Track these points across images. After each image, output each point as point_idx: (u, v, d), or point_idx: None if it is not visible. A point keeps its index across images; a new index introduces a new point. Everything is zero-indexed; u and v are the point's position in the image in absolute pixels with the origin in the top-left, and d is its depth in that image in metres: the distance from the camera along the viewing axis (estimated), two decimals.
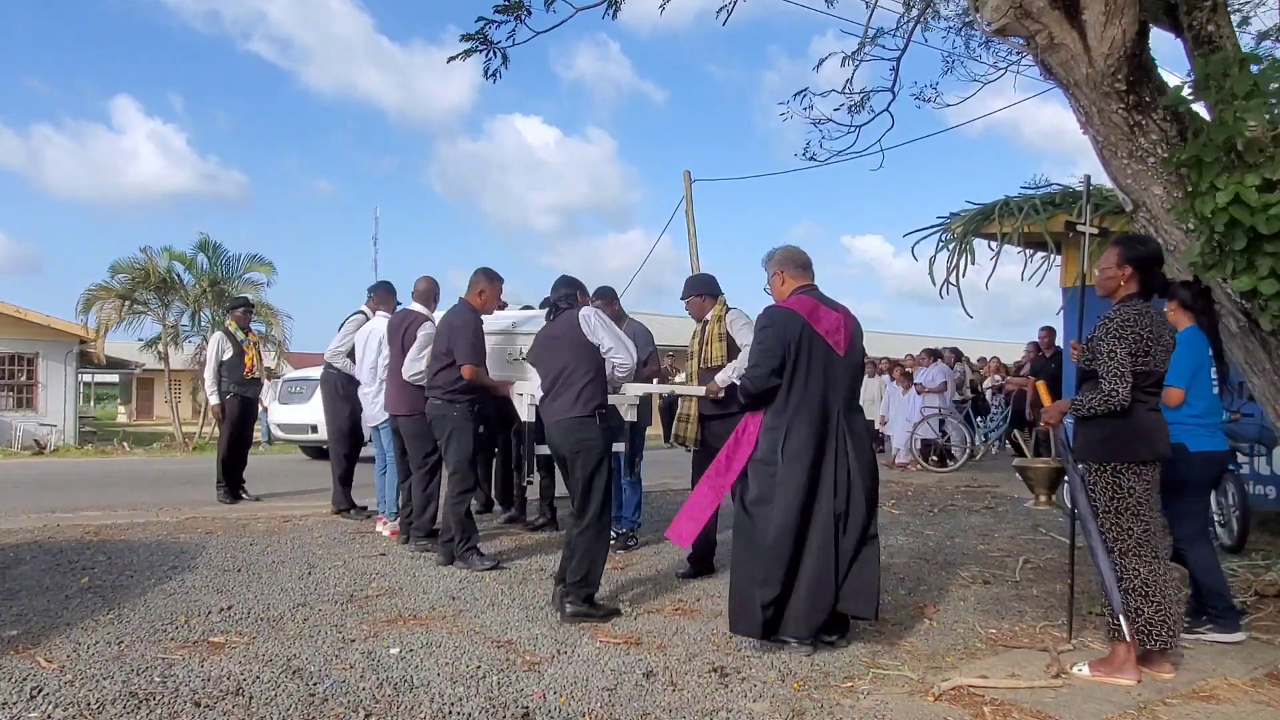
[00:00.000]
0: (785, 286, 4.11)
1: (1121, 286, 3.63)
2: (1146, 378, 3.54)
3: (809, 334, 3.88)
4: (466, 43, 5.32)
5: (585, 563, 4.31)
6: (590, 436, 4.36)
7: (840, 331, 3.96)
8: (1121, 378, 3.46)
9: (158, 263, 18.85)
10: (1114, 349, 3.48)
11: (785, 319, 3.91)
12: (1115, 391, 3.46)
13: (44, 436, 18.23)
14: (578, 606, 4.28)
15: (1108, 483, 3.58)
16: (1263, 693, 3.49)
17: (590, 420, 4.38)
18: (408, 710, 3.10)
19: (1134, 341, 3.48)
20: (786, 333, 3.86)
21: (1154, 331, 3.51)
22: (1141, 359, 3.49)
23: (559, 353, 4.50)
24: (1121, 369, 3.46)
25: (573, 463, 4.38)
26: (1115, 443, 3.55)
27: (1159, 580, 3.54)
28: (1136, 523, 3.56)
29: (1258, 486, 7.07)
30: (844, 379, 3.96)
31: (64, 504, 7.92)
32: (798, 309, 3.93)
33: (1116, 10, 3.68)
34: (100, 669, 3.39)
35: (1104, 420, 3.54)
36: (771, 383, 3.87)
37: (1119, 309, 3.58)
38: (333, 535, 6.41)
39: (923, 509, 8.40)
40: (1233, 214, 3.31)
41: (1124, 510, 3.56)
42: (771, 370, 3.85)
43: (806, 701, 3.27)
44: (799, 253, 4.17)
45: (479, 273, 5.56)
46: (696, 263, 16.25)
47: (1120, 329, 3.50)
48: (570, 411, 4.38)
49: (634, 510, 6.25)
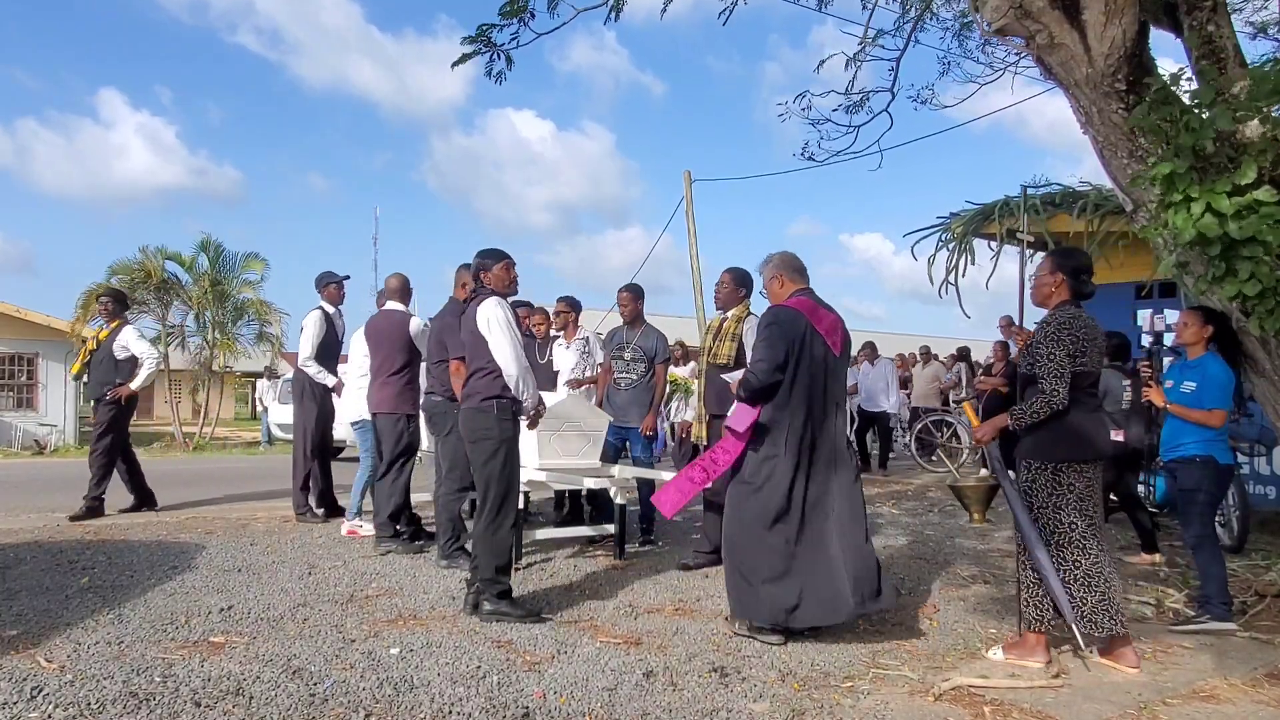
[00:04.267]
0: (784, 290, 4.26)
1: (1054, 293, 3.84)
2: (1084, 378, 3.73)
3: (811, 333, 4.03)
4: (469, 45, 5.31)
5: (490, 559, 4.27)
6: (486, 426, 4.33)
7: (837, 332, 4.13)
8: (1061, 378, 3.64)
9: (156, 263, 18.84)
10: (1053, 351, 3.67)
11: (791, 318, 4.06)
12: (1055, 391, 3.64)
13: (44, 436, 18.22)
14: (495, 605, 4.26)
15: (1048, 480, 3.75)
16: (1263, 693, 3.49)
17: (485, 410, 4.33)
18: (408, 710, 3.10)
19: (1071, 344, 3.67)
20: (791, 331, 4.01)
21: (1089, 334, 3.72)
22: (1079, 360, 3.68)
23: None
24: (1061, 370, 3.65)
25: (471, 452, 4.38)
26: (1059, 443, 3.73)
27: (1100, 571, 3.70)
28: (1079, 518, 3.72)
29: (1258, 486, 7.08)
30: (837, 378, 4.14)
31: (64, 504, 7.91)
32: (800, 309, 4.09)
33: (1116, 10, 3.68)
34: (100, 669, 3.38)
35: (1047, 421, 3.71)
36: (774, 378, 3.98)
37: (1055, 314, 3.80)
38: (333, 535, 6.41)
39: (923, 509, 8.40)
40: (1201, 227, 3.32)
41: (1064, 506, 3.73)
42: (776, 366, 3.97)
43: (806, 701, 3.27)
44: (795, 258, 4.32)
45: (460, 268, 5.59)
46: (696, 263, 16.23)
47: (1058, 332, 3.69)
48: (468, 401, 4.41)
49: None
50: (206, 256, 19.38)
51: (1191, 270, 3.77)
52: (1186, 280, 3.95)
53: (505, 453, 4.33)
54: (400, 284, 6.37)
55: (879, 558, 4.16)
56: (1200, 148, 3.38)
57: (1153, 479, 6.87)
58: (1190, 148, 3.39)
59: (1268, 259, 3.36)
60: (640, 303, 6.44)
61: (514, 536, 4.57)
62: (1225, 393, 4.30)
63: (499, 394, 4.31)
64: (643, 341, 6.30)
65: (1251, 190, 3.31)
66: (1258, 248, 3.33)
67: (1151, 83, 3.71)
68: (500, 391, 4.32)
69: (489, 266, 4.50)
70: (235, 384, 34.17)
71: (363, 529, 6.38)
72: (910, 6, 6.38)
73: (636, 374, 6.26)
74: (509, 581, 4.36)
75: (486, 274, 4.49)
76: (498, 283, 4.50)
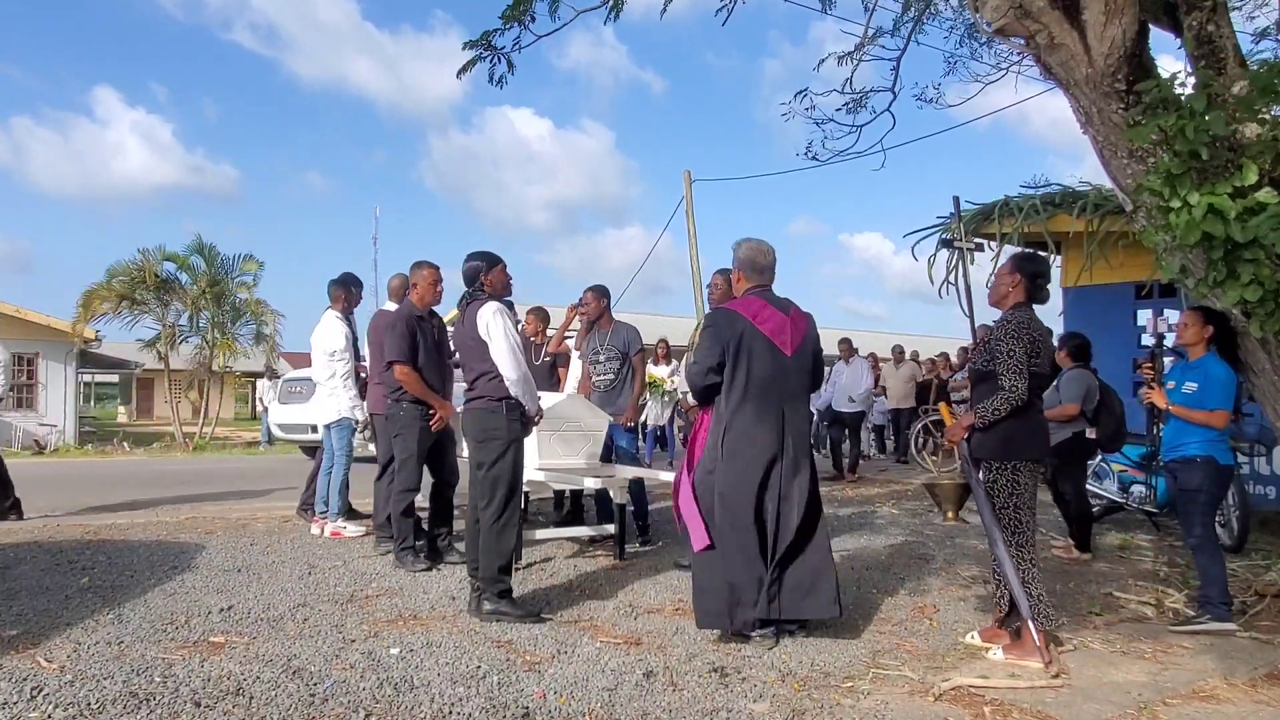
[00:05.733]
0: (739, 285, 4.29)
1: (1010, 294, 3.97)
2: (1036, 379, 3.84)
3: (750, 334, 4.02)
4: (470, 50, 5.31)
5: (493, 558, 4.28)
6: (496, 426, 4.34)
7: (786, 331, 4.08)
8: (1020, 375, 3.76)
9: (155, 265, 18.85)
10: (1012, 349, 3.78)
11: (725, 320, 4.10)
12: (1015, 387, 3.75)
13: (44, 436, 18.23)
14: (495, 604, 4.27)
15: (1008, 479, 3.86)
16: (1263, 693, 3.49)
17: (496, 410, 4.34)
18: (408, 710, 3.10)
19: (1029, 343, 3.80)
20: (725, 333, 4.04)
21: (1041, 335, 3.89)
22: (1034, 360, 3.81)
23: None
24: (1020, 367, 3.76)
25: (478, 452, 4.39)
26: (1013, 442, 3.84)
27: (1038, 567, 3.89)
28: (1030, 516, 3.88)
29: (1258, 486, 7.07)
30: (792, 378, 4.09)
31: (64, 504, 7.92)
32: (741, 310, 4.10)
33: (1116, 10, 3.68)
34: (100, 669, 3.38)
35: (1004, 422, 3.81)
36: (709, 379, 4.04)
37: (1012, 313, 3.92)
38: (332, 536, 6.40)
39: (923, 509, 8.40)
40: (1205, 227, 3.32)
41: (1021, 505, 3.86)
42: (708, 368, 4.03)
43: (806, 701, 3.27)
44: (760, 255, 4.25)
45: (413, 268, 5.63)
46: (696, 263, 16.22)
47: (1017, 331, 3.81)
48: (476, 402, 4.41)
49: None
50: (203, 258, 19.40)
51: (1192, 273, 3.77)
52: (1187, 283, 3.95)
53: (514, 453, 4.36)
54: (401, 284, 6.35)
55: (832, 571, 4.05)
56: (1196, 152, 3.37)
57: (1153, 479, 6.87)
58: (1187, 152, 3.38)
59: (1269, 262, 3.35)
60: (606, 301, 6.45)
61: (516, 536, 4.56)
62: (1227, 393, 4.30)
63: (508, 394, 4.35)
64: (614, 340, 6.33)
65: (1253, 192, 3.31)
66: (1259, 250, 3.32)
67: (1145, 87, 3.69)
68: (509, 392, 4.36)
69: (487, 270, 4.50)
70: (235, 384, 34.18)
71: (347, 530, 6.36)
72: (910, 6, 6.38)
73: (613, 373, 6.29)
74: (510, 581, 4.36)
75: (484, 277, 4.50)
76: (496, 286, 4.51)
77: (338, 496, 6.44)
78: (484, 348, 4.36)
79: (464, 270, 4.56)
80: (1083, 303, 9.44)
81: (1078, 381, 6.11)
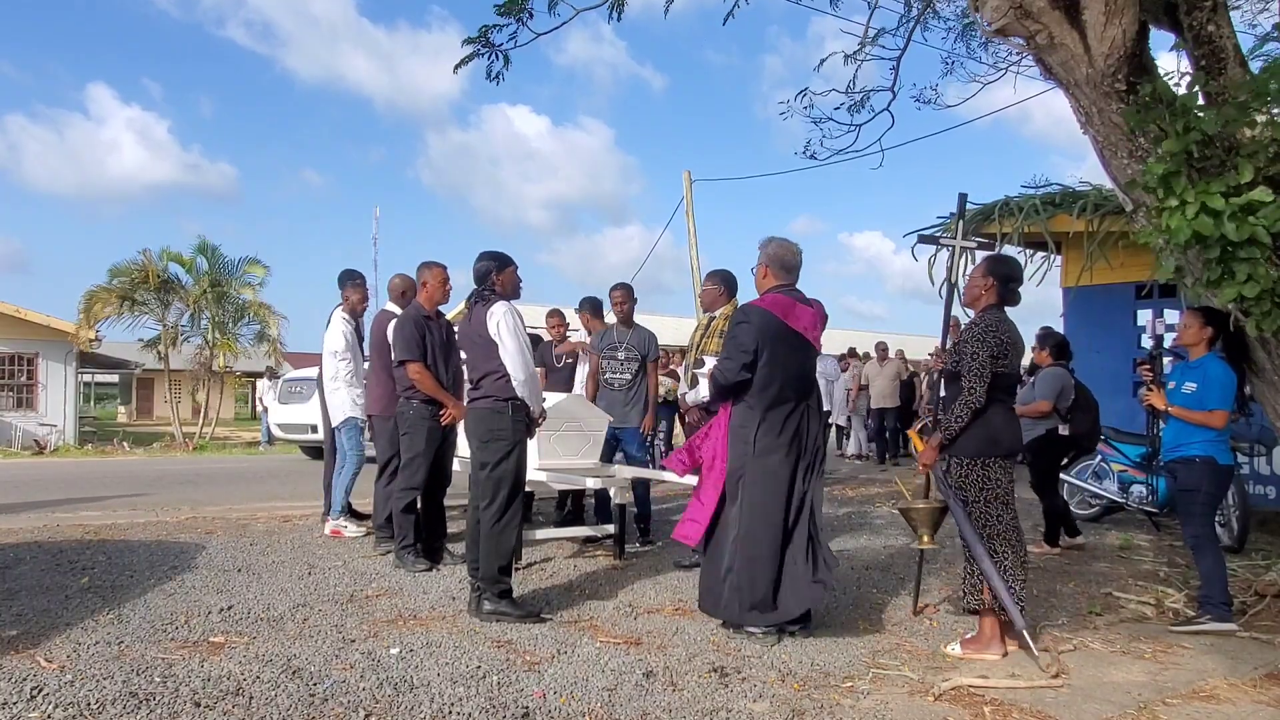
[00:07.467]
0: (765, 281, 4.28)
1: (983, 296, 4.03)
2: (1004, 379, 3.92)
3: (783, 331, 4.06)
4: (468, 46, 5.30)
5: (493, 558, 4.28)
6: (501, 427, 4.34)
7: (818, 328, 4.19)
8: (981, 378, 3.83)
9: (156, 265, 18.86)
10: (977, 351, 3.86)
11: (760, 317, 4.09)
12: (973, 390, 3.84)
13: (44, 436, 18.22)
14: (495, 604, 4.27)
15: (978, 475, 3.93)
16: (1263, 693, 3.49)
17: (501, 411, 4.35)
18: (408, 710, 3.10)
19: (995, 346, 3.86)
20: (760, 330, 4.03)
21: (1011, 337, 3.94)
22: (1001, 361, 3.87)
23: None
24: (982, 370, 3.83)
25: (482, 452, 4.38)
26: (982, 440, 3.91)
27: (1020, 564, 3.92)
28: (1005, 511, 3.93)
29: (1258, 486, 7.07)
30: (814, 374, 4.23)
31: (64, 504, 7.92)
32: (772, 308, 4.11)
33: (1116, 10, 3.67)
34: (100, 669, 3.38)
35: (971, 419, 3.88)
36: (741, 376, 4.04)
37: (982, 316, 3.99)
38: (333, 536, 6.40)
39: None
40: (1196, 226, 3.32)
41: (994, 500, 3.92)
42: (742, 365, 4.03)
43: (806, 701, 3.27)
44: (789, 253, 4.27)
45: (420, 268, 5.61)
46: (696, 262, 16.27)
47: (984, 334, 3.89)
48: (481, 402, 4.42)
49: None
50: (205, 258, 19.42)
51: (1189, 273, 3.77)
52: (1185, 283, 3.95)
53: (518, 454, 4.37)
54: (401, 284, 6.33)
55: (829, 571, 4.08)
56: (1189, 150, 3.37)
57: (1153, 479, 6.88)
58: (1180, 151, 3.38)
59: (1265, 260, 3.35)
60: (634, 302, 6.45)
61: (517, 537, 4.57)
62: (1227, 393, 4.30)
63: (514, 395, 4.35)
64: (635, 341, 6.30)
65: (1248, 191, 3.31)
66: (1255, 249, 3.32)
67: (1142, 85, 3.70)
68: (515, 393, 4.36)
69: (498, 271, 4.52)
70: (235, 384, 34.17)
71: (347, 530, 6.36)
72: (911, 6, 6.38)
73: (630, 373, 6.26)
74: (510, 581, 4.36)
75: (495, 277, 4.51)
76: (506, 288, 4.53)
77: (341, 494, 6.45)
78: (492, 347, 4.36)
79: (475, 269, 4.58)
80: (1083, 303, 9.44)
81: (1052, 379, 6.27)
